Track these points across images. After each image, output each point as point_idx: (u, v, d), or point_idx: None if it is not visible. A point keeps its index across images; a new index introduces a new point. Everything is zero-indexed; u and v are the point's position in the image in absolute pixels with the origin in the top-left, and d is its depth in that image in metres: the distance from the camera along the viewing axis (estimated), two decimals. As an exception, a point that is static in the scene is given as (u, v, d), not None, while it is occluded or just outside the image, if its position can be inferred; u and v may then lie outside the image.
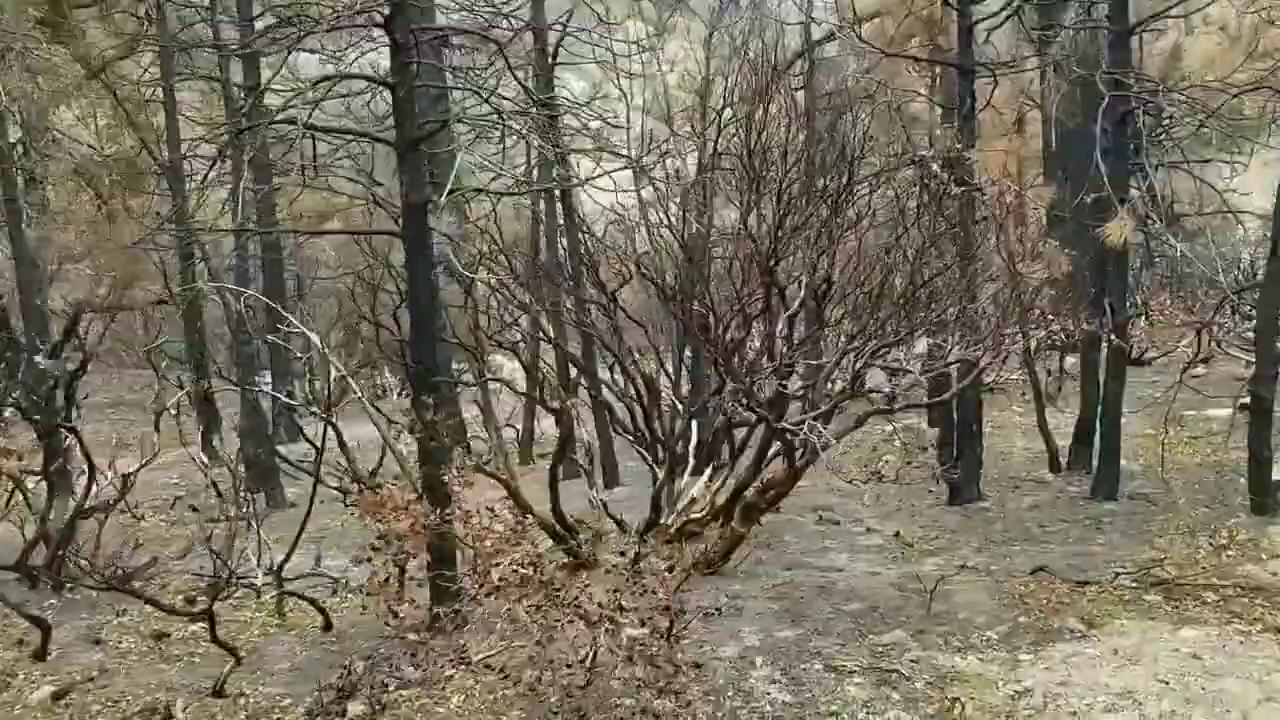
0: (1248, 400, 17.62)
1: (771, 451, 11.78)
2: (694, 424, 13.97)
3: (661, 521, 13.05)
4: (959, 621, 10.12)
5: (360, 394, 12.54)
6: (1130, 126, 13.43)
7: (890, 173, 11.65)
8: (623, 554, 13.31)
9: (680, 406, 14.18)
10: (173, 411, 18.06)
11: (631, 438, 14.11)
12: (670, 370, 14.28)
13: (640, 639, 7.36)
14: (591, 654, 7.56)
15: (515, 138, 14.10)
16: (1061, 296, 14.86)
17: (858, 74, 15.39)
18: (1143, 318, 21.68)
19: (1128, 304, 13.94)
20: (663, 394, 14.24)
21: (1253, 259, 22.86)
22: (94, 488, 11.69)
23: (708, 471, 13.76)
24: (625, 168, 11.25)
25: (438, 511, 7.69)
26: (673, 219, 12.09)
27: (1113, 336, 12.85)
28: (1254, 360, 20.69)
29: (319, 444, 11.85)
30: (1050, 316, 12.09)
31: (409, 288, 10.39)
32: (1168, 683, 8.40)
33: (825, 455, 9.98)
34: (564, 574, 8.08)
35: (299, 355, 14.66)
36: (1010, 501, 14.32)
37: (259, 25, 16.59)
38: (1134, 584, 10.45)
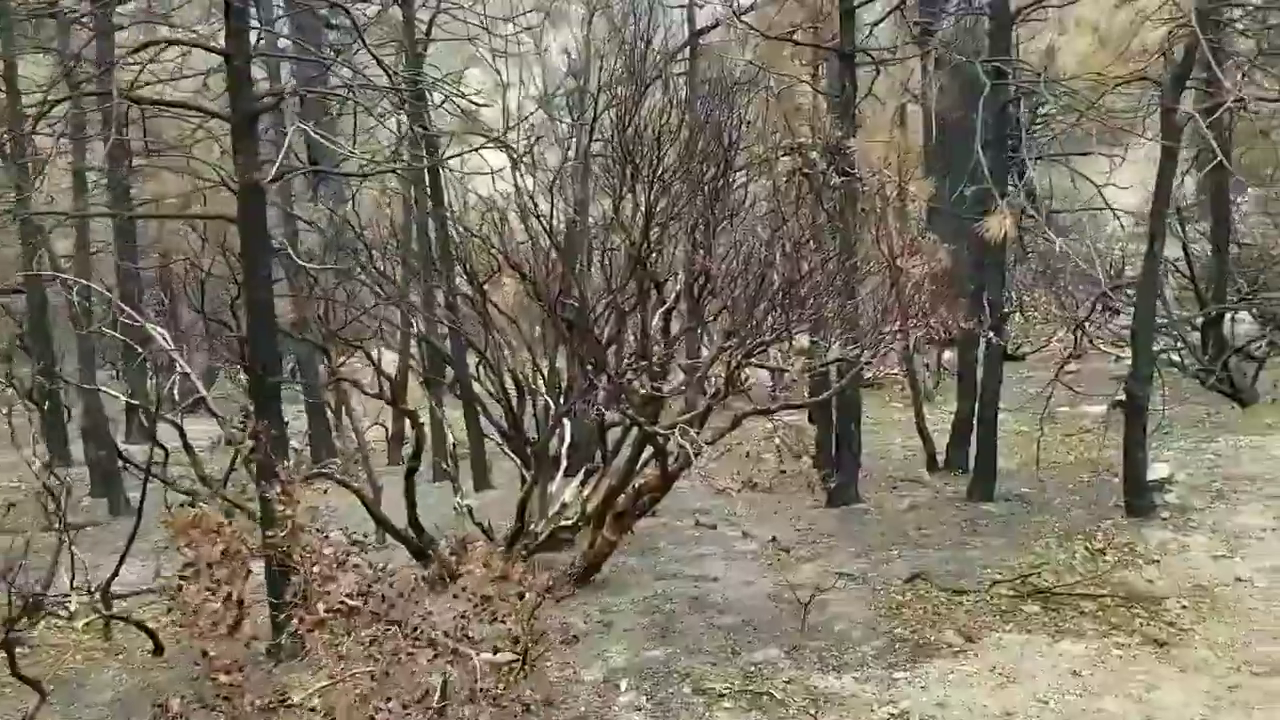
0: (1122, 398, 17.90)
1: (646, 455, 11.15)
2: (567, 424, 13.27)
3: (530, 529, 12.34)
4: (835, 635, 9.66)
5: (206, 393, 11.51)
6: (1013, 117, 13.17)
7: (769, 160, 11.08)
8: (487, 565, 12.56)
9: (553, 406, 13.44)
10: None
11: (498, 440, 13.32)
12: (544, 368, 13.49)
13: (486, 671, 6.62)
14: (439, 689, 6.80)
15: (382, 116, 13.20)
16: (940, 292, 14.61)
17: (740, 60, 14.83)
18: (1018, 314, 21.77)
19: (1005, 300, 13.67)
20: (537, 393, 13.49)
21: (1123, 255, 23.24)
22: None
23: (580, 475, 13.10)
24: (486, 144, 10.42)
25: (260, 532, 6.79)
26: (541, 207, 11.29)
27: (991, 334, 12.56)
28: (1125, 357, 21.25)
29: (165, 446, 10.84)
30: (929, 313, 11.72)
31: (244, 279, 9.40)
32: (1047, 702, 8.05)
33: (699, 461, 9.36)
34: (411, 595, 7.24)
35: (139, 350, 13.37)
36: (888, 502, 14.00)
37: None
38: (1012, 593, 10.13)
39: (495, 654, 7.18)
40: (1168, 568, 10.68)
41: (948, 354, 20.59)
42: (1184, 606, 9.68)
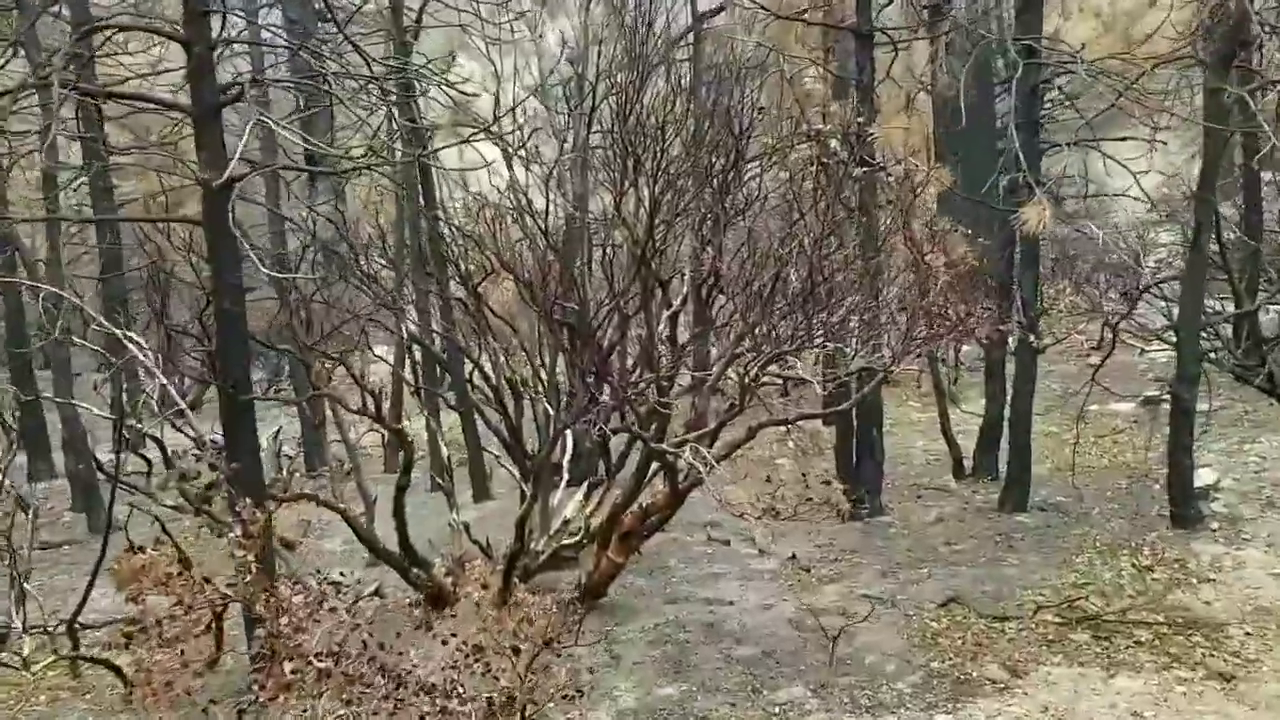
0: (1154, 394, 16.99)
1: (652, 470, 10.30)
2: (569, 435, 12.40)
3: (531, 547, 11.51)
4: (866, 669, 8.82)
5: (185, 405, 10.65)
6: (1041, 99, 12.27)
7: (783, 149, 10.19)
8: (485, 587, 11.73)
9: (554, 414, 12.57)
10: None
11: (497, 452, 12.47)
12: (544, 374, 12.61)
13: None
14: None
15: (367, 108, 12.33)
16: (961, 286, 13.71)
17: (748, 42, 13.93)
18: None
19: (1039, 297, 12.78)
20: (536, 400, 12.62)
21: (1143, 243, 22.32)
22: None
23: (582, 489, 12.25)
24: (474, 135, 9.55)
25: (209, 582, 5.95)
26: (537, 204, 10.42)
27: (1028, 334, 11.65)
28: (1150, 350, 20.33)
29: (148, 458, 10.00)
30: (958, 315, 10.84)
31: (212, 287, 8.53)
32: (1110, 752, 7.20)
33: (713, 480, 8.49)
34: (395, 644, 6.41)
35: (111, 359, 12.52)
36: (914, 514, 13.11)
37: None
38: (1058, 619, 9.27)
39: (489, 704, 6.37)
40: (1224, 587, 9.81)
41: (965, 347, 19.68)
42: (1248, 633, 8.82)
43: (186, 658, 5.62)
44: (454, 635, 6.51)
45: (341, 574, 9.07)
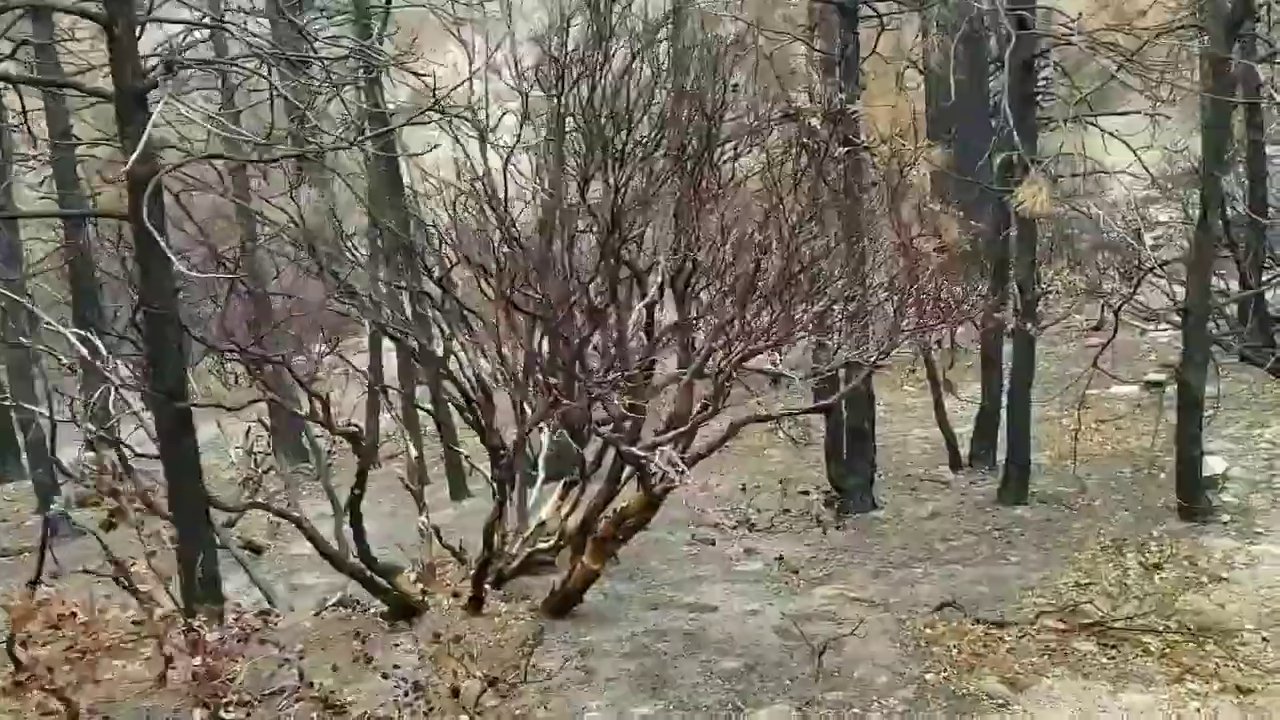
0: (1157, 377, 16.37)
1: (628, 472, 9.70)
2: (544, 431, 11.80)
3: (506, 551, 10.93)
4: (855, 683, 8.22)
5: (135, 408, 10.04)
6: (1037, 74, 11.63)
7: (761, 129, 9.56)
8: (456, 595, 11.16)
9: (524, 411, 11.96)
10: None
11: (465, 451, 11.87)
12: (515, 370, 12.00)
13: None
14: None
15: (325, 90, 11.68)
16: (957, 272, 13.10)
17: (728, 18, 13.27)
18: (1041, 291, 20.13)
19: (1036, 281, 12.15)
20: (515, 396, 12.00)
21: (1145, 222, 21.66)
22: None
23: (557, 489, 11.64)
24: (425, 113, 8.91)
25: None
26: (489, 189, 9.79)
27: (1025, 322, 11.03)
28: (1150, 329, 19.71)
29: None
30: (952, 301, 10.24)
31: (140, 287, 7.91)
32: (1120, 779, 6.62)
33: (689, 485, 7.88)
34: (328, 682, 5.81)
35: (60, 359, 11.88)
36: (908, 508, 12.51)
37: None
38: (1061, 626, 8.66)
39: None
40: (1238, 587, 9.22)
41: (960, 329, 19.04)
42: (1264, 639, 8.22)
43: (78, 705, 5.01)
44: (396, 668, 5.90)
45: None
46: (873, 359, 9.15)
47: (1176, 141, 16.36)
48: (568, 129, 11.36)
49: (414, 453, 12.64)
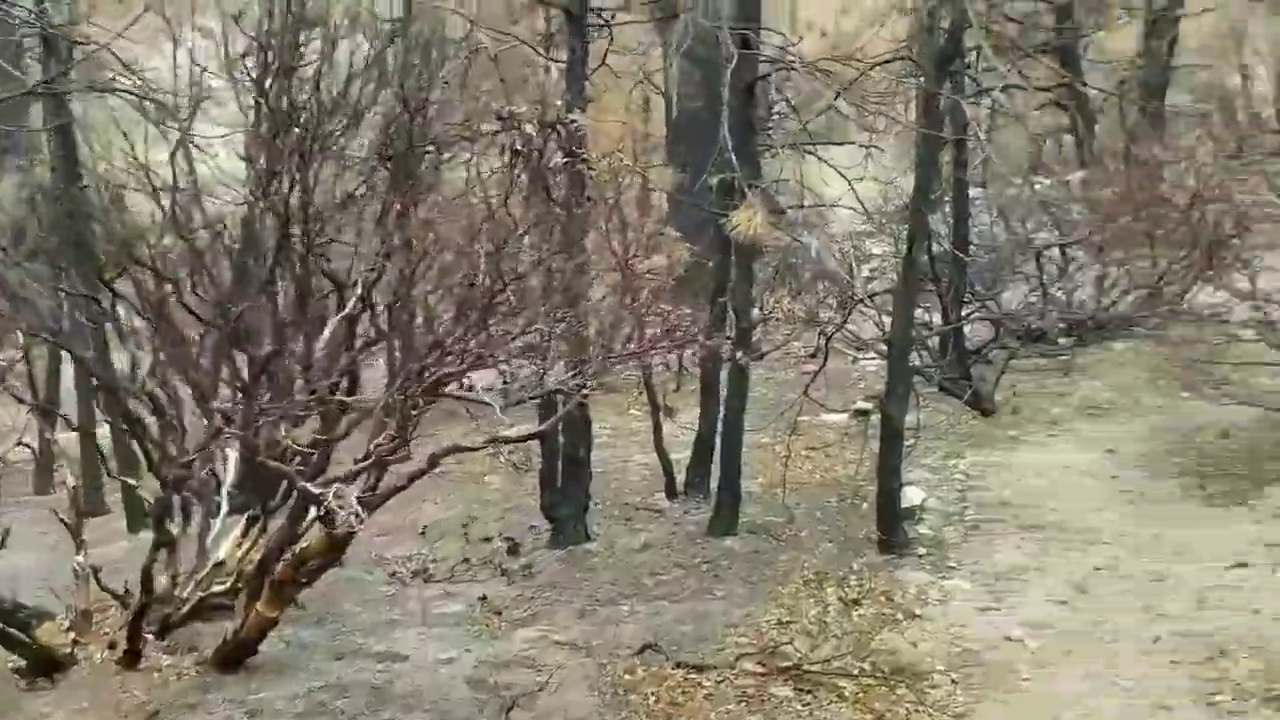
0: (864, 406, 16.87)
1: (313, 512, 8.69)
2: (231, 455, 10.52)
3: (177, 594, 9.64)
4: (547, 740, 7.63)
5: None
6: (761, 98, 11.56)
7: (474, 132, 8.87)
8: (112, 647, 9.71)
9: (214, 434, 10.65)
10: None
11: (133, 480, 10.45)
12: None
13: None
14: None
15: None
16: (675, 295, 12.88)
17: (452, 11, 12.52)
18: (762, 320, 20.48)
19: (754, 308, 12.05)
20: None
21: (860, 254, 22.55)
22: None
23: (240, 525, 10.40)
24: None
25: None
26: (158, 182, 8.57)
27: (737, 352, 10.84)
28: (862, 358, 20.45)
29: None
30: (671, 325, 9.90)
31: None
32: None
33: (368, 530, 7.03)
34: None
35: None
36: (621, 539, 12.08)
37: None
38: (760, 669, 8.40)
39: None
40: (930, 624, 9.32)
41: (688, 352, 19.02)
42: (954, 681, 8.28)
43: None
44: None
45: None
46: (582, 384, 8.60)
47: (892, 177, 17.04)
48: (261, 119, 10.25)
49: (72, 481, 11.02)
